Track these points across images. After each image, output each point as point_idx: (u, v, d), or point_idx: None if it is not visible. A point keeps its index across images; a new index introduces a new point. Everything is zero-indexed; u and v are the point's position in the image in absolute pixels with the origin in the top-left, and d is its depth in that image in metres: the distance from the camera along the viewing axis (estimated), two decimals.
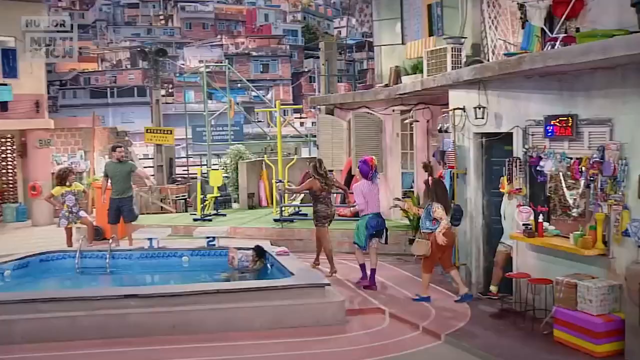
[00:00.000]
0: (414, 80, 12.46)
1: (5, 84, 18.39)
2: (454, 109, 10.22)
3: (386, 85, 14.47)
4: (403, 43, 14.63)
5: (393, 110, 14.73)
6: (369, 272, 10.46)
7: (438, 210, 9.22)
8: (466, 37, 11.07)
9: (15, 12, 18.52)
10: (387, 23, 15.63)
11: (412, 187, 14.52)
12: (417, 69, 13.00)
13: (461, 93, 10.16)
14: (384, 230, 10.61)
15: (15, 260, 11.18)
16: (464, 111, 10.00)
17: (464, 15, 11.39)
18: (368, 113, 15.35)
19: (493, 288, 9.37)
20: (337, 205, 14.09)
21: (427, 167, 13.11)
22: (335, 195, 13.95)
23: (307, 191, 11.87)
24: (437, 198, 9.35)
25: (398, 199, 13.63)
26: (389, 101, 14.48)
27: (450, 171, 10.43)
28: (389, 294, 9.96)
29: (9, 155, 20.24)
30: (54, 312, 8.27)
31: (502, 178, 9.02)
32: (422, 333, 8.22)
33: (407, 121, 14.19)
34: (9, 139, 20.12)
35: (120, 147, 13.54)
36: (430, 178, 11.01)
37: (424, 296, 9.48)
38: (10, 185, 20.21)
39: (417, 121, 13.74)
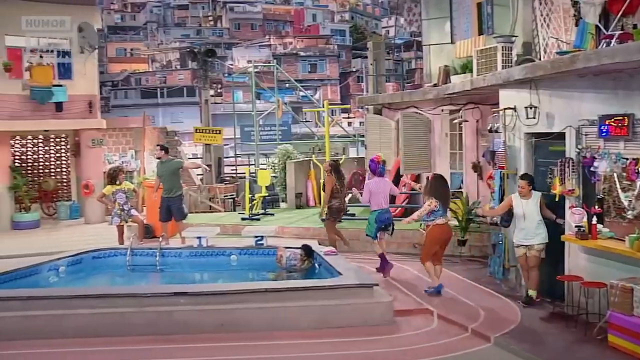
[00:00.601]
0: (463, 79, 12.33)
1: (61, 85, 18.86)
2: (505, 109, 10.07)
3: (435, 85, 14.35)
4: (452, 42, 14.48)
5: (442, 110, 14.60)
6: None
7: (432, 203, 9.64)
8: (517, 36, 10.89)
9: (69, 16, 18.97)
10: (436, 22, 15.49)
11: (460, 188, 14.36)
12: (466, 68, 12.86)
13: (512, 92, 10.00)
14: (391, 225, 11.22)
15: (69, 256, 11.46)
16: (515, 111, 9.84)
17: (515, 14, 11.21)
18: (416, 113, 15.24)
19: (532, 293, 9.12)
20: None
21: (476, 168, 12.98)
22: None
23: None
24: (433, 193, 9.77)
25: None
26: (437, 101, 14.36)
27: (501, 172, 10.27)
28: (437, 295, 9.84)
29: (63, 154, 20.74)
30: (105, 307, 8.42)
31: (553, 179, 8.84)
32: (471, 335, 8.11)
33: (456, 121, 14.05)
34: (63, 139, 20.62)
35: (158, 146, 13.76)
36: (431, 174, 11.54)
37: (435, 286, 9.76)
38: (64, 184, 20.71)
39: (466, 121, 13.58)
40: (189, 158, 26.15)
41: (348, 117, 48.34)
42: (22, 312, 8.33)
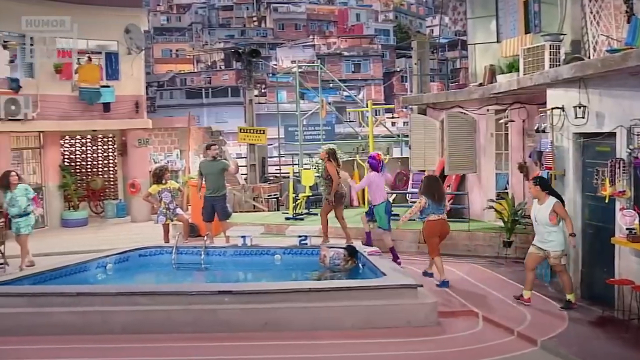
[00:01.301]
0: (509, 79, 12.16)
1: (108, 86, 19.21)
2: (552, 109, 9.90)
3: (480, 85, 14.17)
4: (498, 41, 14.28)
5: (487, 110, 14.43)
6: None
7: (420, 201, 10.39)
8: (565, 34, 10.68)
9: (117, 18, 19.37)
10: (482, 21, 15.31)
11: (506, 189, 14.18)
12: (512, 67, 12.67)
13: (560, 92, 9.83)
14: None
15: (117, 254, 11.68)
16: (563, 110, 9.67)
17: (563, 11, 10.99)
18: (461, 113, 15.08)
19: (570, 296, 8.97)
20: None
21: (522, 168, 12.79)
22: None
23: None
24: (423, 192, 10.52)
25: (492, 200, 13.40)
26: (483, 100, 14.19)
27: (548, 172, 10.10)
28: (482, 296, 9.73)
29: (110, 154, 21.12)
30: (151, 305, 8.55)
31: (602, 180, 8.64)
32: (517, 338, 7.99)
33: (502, 121, 13.86)
34: (110, 138, 20.99)
35: (215, 145, 13.86)
36: (426, 172, 12.25)
37: (443, 280, 10.23)
38: (111, 183, 21.08)
39: (513, 121, 13.39)
40: (233, 158, 26.30)
41: (392, 117, 48.05)
42: (72, 308, 8.51)
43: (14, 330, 8.41)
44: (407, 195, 16.90)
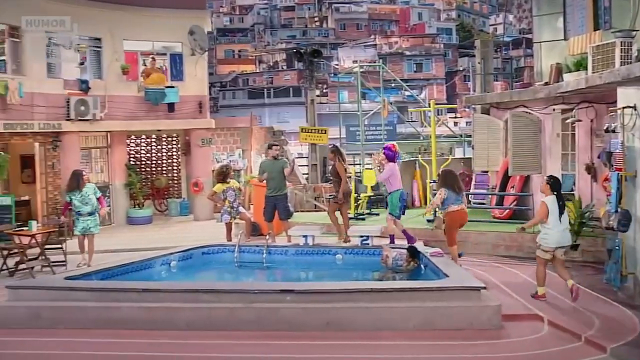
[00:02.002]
0: (577, 77, 11.85)
1: (173, 87, 19.58)
2: (623, 108, 9.60)
3: (546, 84, 13.86)
4: (565, 39, 13.94)
5: (553, 110, 14.10)
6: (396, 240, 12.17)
7: (442, 193, 10.82)
8: (638, 30, 10.34)
9: (181, 20, 19.74)
10: (548, 18, 14.97)
11: (572, 190, 13.82)
12: (580, 65, 12.34)
13: (631, 90, 9.53)
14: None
15: (180, 252, 11.90)
16: (635, 110, 9.37)
17: (636, 7, 10.64)
18: (526, 112, 14.79)
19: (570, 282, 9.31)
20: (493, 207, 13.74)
21: (590, 169, 12.46)
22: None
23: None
24: (442, 184, 11.01)
25: None
26: (548, 100, 13.87)
27: (618, 174, 9.80)
28: (548, 300, 9.50)
29: (174, 153, 21.52)
30: (214, 302, 8.67)
31: None
32: (584, 344, 7.75)
33: (568, 121, 13.52)
34: (174, 138, 21.39)
35: (277, 145, 13.96)
36: (441, 169, 12.76)
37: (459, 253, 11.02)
38: (175, 182, 21.48)
39: (580, 120, 13.05)
40: (295, 157, 26.46)
41: (454, 117, 47.63)
42: (138, 304, 8.71)
43: (82, 324, 8.66)
44: (470, 196, 16.68)
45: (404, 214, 12.39)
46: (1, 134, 16.13)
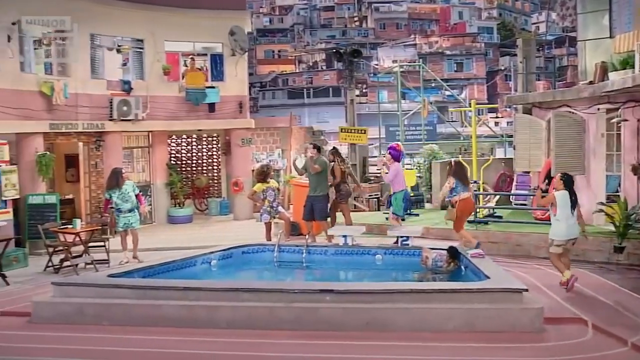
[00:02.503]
0: (623, 76, 11.62)
1: (214, 87, 19.76)
2: None
3: (590, 83, 13.63)
4: (611, 36, 13.70)
5: (598, 109, 13.84)
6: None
7: (450, 181, 11.18)
8: None
9: (221, 21, 19.93)
10: (593, 15, 14.72)
11: (617, 191, 13.56)
12: (626, 63, 12.09)
13: None
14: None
15: (221, 251, 11.98)
16: None
17: None
18: (569, 112, 14.55)
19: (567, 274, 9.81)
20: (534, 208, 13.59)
21: (636, 170, 12.23)
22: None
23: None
24: (452, 174, 11.33)
25: (602, 204, 12.85)
26: (593, 99, 13.63)
27: None
28: (591, 303, 9.31)
29: (214, 153, 21.71)
30: (254, 302, 8.68)
31: None
32: (630, 349, 7.54)
33: (614, 120, 13.27)
34: (214, 138, 21.58)
35: (311, 144, 14.04)
36: (452, 161, 13.13)
37: (474, 246, 10.85)
38: (215, 181, 21.67)
39: (626, 120, 12.79)
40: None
41: (495, 117, 47.10)
42: (179, 302, 8.79)
43: (124, 321, 8.77)
44: (511, 197, 16.49)
45: (408, 214, 13.33)
46: (47, 134, 16.47)
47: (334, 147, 14.84)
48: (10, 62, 15.29)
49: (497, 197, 16.55)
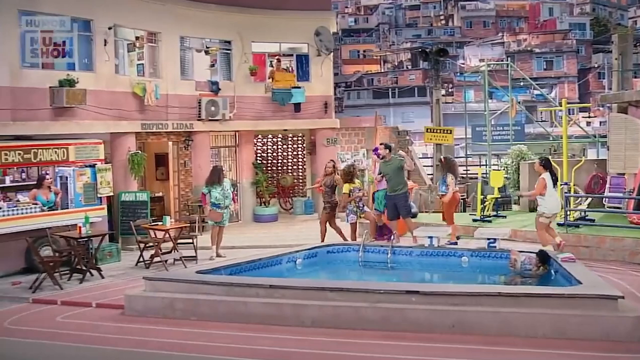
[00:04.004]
0: None
1: (299, 87, 19.92)
2: None
3: None
4: None
5: None
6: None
7: (453, 180, 12.83)
8: None
9: (307, 21, 20.11)
10: None
11: None
12: None
13: None
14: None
15: (306, 250, 12.07)
16: None
17: None
18: None
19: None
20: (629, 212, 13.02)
21: None
22: None
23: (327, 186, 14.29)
24: (450, 171, 12.94)
25: None
26: None
27: None
28: None
29: (299, 152, 21.88)
30: (340, 301, 8.70)
31: None
32: None
33: None
34: (299, 137, 21.76)
35: (382, 144, 13.96)
36: (442, 157, 14.16)
37: (453, 241, 12.46)
38: (300, 181, 21.83)
39: None
40: (419, 158, 26.26)
41: (587, 117, 45.61)
42: (265, 299, 8.90)
43: (211, 316, 8.98)
44: (604, 199, 15.90)
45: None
46: (139, 133, 17.01)
47: (333, 160, 15.43)
48: (106, 65, 15.87)
49: (589, 199, 15.96)
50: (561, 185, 14.66)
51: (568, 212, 13.96)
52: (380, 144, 13.97)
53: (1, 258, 12.79)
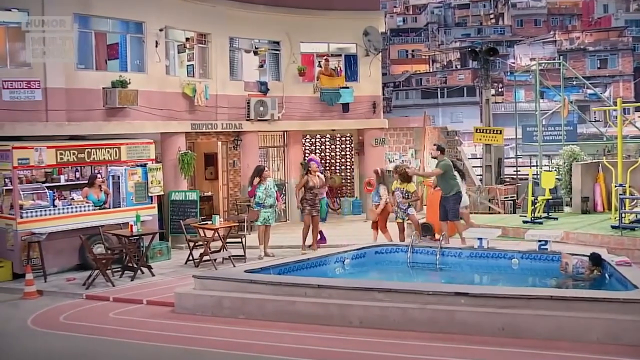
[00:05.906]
0: None
1: (348, 87, 19.92)
2: None
3: None
4: None
5: None
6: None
7: (384, 191, 14.03)
8: None
9: (355, 21, 20.11)
10: None
11: None
12: None
13: None
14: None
15: (354, 250, 12.08)
16: None
17: None
18: None
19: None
20: None
21: None
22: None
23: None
24: (383, 182, 14.20)
25: None
26: None
27: None
28: None
29: (347, 152, 21.87)
30: (387, 302, 8.68)
31: None
32: None
33: None
34: (348, 138, 21.75)
35: (434, 145, 13.88)
36: (379, 169, 15.15)
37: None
38: (348, 181, 21.82)
39: None
40: (469, 158, 25.97)
41: None
42: (313, 299, 8.93)
43: (260, 315, 9.05)
44: None
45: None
46: (188, 133, 17.22)
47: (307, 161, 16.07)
48: (157, 66, 16.11)
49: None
50: (616, 186, 14.38)
51: (623, 215, 13.64)
52: (434, 145, 13.96)
53: (57, 255, 13.09)
